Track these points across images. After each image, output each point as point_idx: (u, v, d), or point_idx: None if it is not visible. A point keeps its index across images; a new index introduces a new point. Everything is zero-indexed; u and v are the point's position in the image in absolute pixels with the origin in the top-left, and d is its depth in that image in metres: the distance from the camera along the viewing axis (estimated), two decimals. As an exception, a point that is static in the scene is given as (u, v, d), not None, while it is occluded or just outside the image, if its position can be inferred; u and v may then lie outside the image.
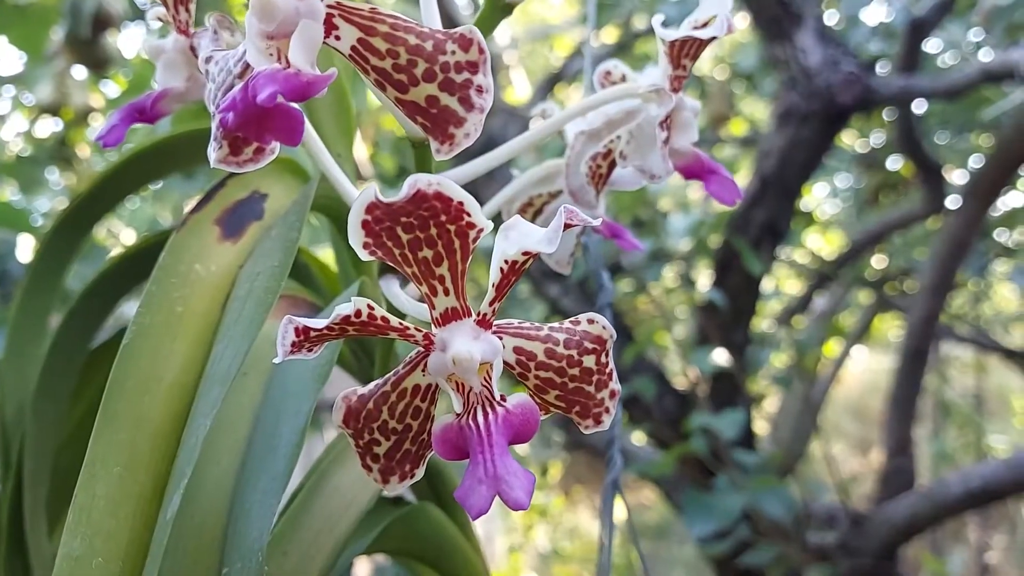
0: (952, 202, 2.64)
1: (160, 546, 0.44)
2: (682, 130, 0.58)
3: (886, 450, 2.59)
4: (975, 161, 3.00)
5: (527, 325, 0.44)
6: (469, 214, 0.39)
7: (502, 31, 3.30)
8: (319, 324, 0.39)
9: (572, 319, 0.45)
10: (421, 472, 0.47)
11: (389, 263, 0.40)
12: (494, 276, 0.41)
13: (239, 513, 0.48)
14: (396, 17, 0.43)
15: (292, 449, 0.49)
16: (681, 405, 2.28)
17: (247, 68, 0.43)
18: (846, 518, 2.23)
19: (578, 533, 5.08)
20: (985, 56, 2.47)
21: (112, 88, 2.45)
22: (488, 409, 0.41)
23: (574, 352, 0.44)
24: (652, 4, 2.71)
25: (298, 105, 0.41)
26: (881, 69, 2.53)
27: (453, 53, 0.43)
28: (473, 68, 0.43)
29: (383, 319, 0.40)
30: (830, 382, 3.27)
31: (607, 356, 0.45)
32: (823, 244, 4.03)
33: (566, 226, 0.39)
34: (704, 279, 2.67)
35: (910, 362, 2.55)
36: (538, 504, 4.02)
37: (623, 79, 0.62)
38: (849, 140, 3.36)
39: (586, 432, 0.47)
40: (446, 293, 0.41)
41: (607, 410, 0.46)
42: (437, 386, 0.44)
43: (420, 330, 0.42)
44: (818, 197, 4.01)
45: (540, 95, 3.07)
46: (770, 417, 3.59)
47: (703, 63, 3.23)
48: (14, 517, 0.69)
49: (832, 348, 3.54)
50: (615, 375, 0.46)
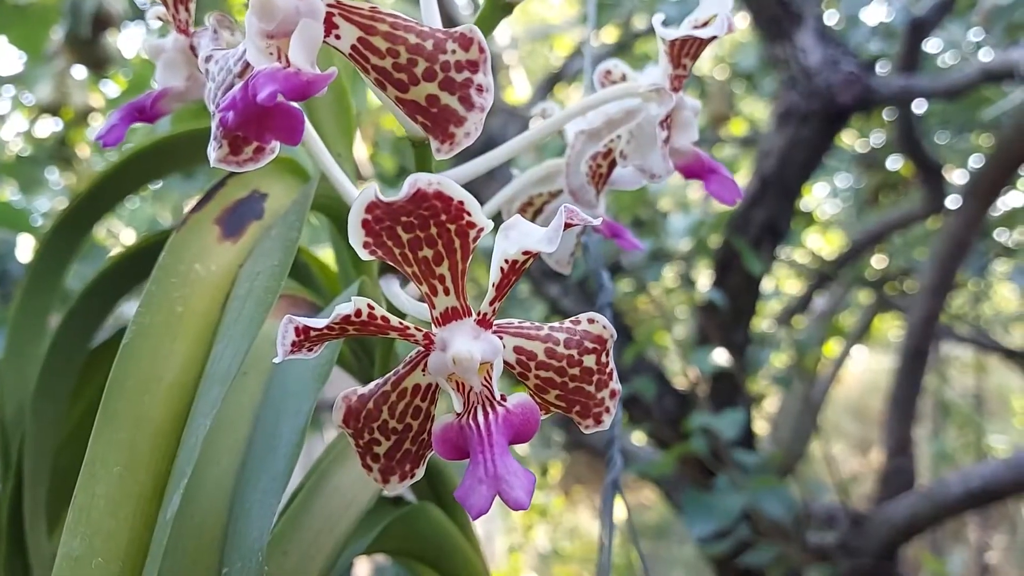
0: (952, 202, 2.64)
1: (160, 546, 0.44)
2: (682, 129, 0.58)
3: (886, 450, 2.59)
4: (975, 161, 3.00)
5: (527, 325, 0.44)
6: (469, 213, 0.39)
7: (502, 31, 3.30)
8: (319, 324, 0.39)
9: (572, 319, 0.45)
10: (421, 472, 0.47)
11: (389, 262, 0.40)
12: (494, 276, 0.41)
13: (239, 513, 0.48)
14: (396, 16, 0.43)
15: (292, 449, 0.49)
16: (681, 405, 2.28)
17: (247, 67, 0.43)
18: (846, 518, 2.23)
19: (578, 533, 5.08)
20: (985, 56, 2.47)
21: (112, 88, 2.45)
22: (488, 409, 0.41)
23: (574, 352, 0.44)
24: (652, 4, 2.71)
25: (298, 104, 0.41)
26: (881, 69, 2.52)
27: (453, 52, 0.43)
28: (473, 67, 0.43)
29: (383, 319, 0.40)
30: (830, 382, 3.27)
31: (607, 356, 0.45)
32: (823, 244, 4.03)
33: (566, 225, 0.39)
34: (704, 279, 2.67)
35: (910, 362, 2.55)
36: (538, 504, 4.02)
37: (623, 78, 0.62)
38: (849, 140, 3.36)
39: (586, 432, 0.46)
40: (446, 292, 0.41)
41: (607, 410, 0.46)
42: (437, 386, 0.44)
43: (420, 330, 0.42)
44: (818, 197, 4.01)
45: (540, 95, 3.07)
46: (770, 417, 3.59)
47: (703, 63, 3.23)
48: (14, 517, 0.69)
49: (832, 348, 3.53)
50: (615, 375, 0.46)
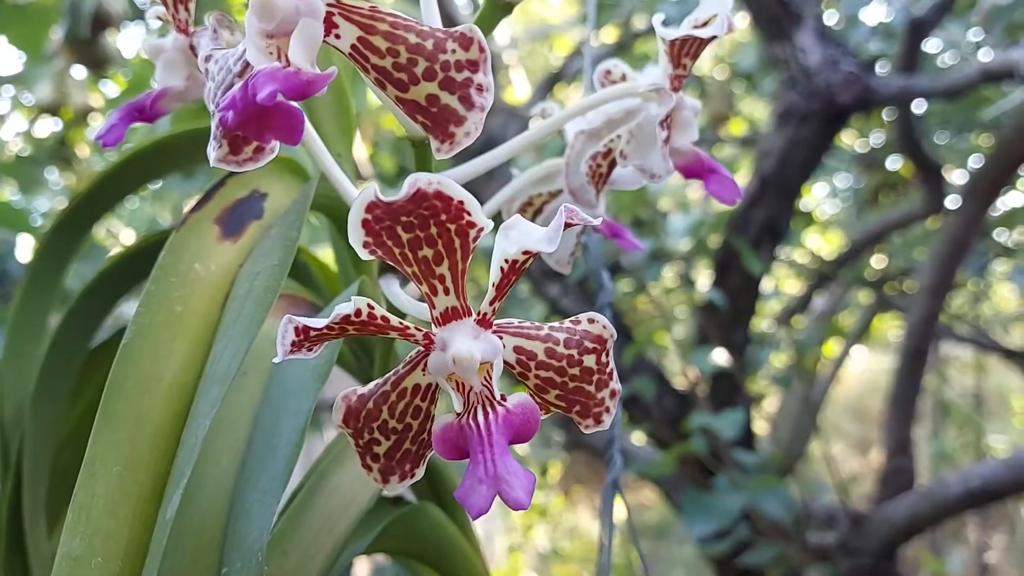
0: (952, 202, 2.64)
1: (159, 546, 0.43)
2: (682, 129, 0.58)
3: (886, 450, 2.59)
4: (975, 161, 3.00)
5: (527, 324, 0.44)
6: (469, 213, 0.39)
7: (502, 31, 3.30)
8: (319, 323, 0.39)
9: (572, 318, 0.45)
10: (421, 472, 0.47)
11: (389, 262, 0.40)
12: (494, 275, 0.41)
13: (239, 513, 0.48)
14: (396, 16, 0.43)
15: (292, 449, 0.49)
16: (681, 405, 2.28)
17: (247, 67, 0.43)
18: (846, 518, 2.23)
19: (578, 533, 5.08)
20: (985, 56, 2.47)
21: (112, 88, 2.45)
22: (488, 409, 0.41)
23: (574, 351, 0.44)
24: (652, 4, 2.71)
25: (298, 104, 0.41)
26: (881, 69, 2.52)
27: (453, 52, 0.42)
28: (473, 67, 0.43)
29: (383, 318, 0.40)
30: (830, 382, 3.27)
31: (607, 355, 0.45)
32: (823, 244, 4.03)
33: (566, 225, 0.39)
34: (704, 279, 2.67)
35: (910, 362, 2.55)
36: (538, 504, 4.02)
37: (623, 78, 0.62)
38: (849, 140, 3.36)
39: (586, 432, 0.46)
40: (446, 292, 0.41)
41: (607, 410, 0.46)
42: (437, 385, 0.44)
43: (420, 329, 0.42)
44: (818, 197, 4.01)
45: (540, 95, 3.07)
46: (770, 417, 3.59)
47: (703, 63, 3.23)
48: (13, 516, 0.69)
49: (832, 348, 3.53)
50: (615, 374, 0.46)
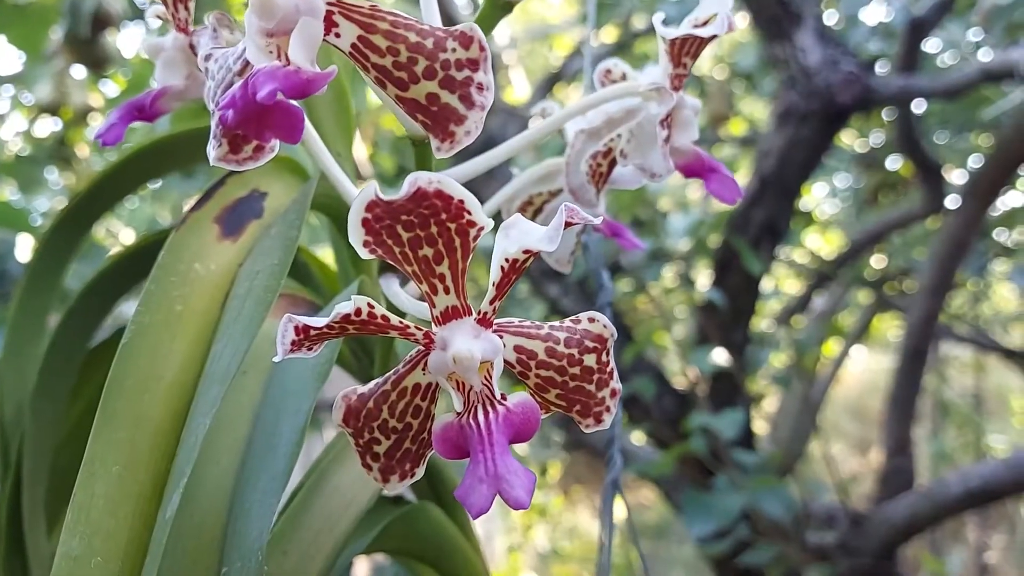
0: (952, 202, 2.64)
1: (159, 545, 0.43)
2: (682, 128, 0.58)
3: (885, 450, 2.59)
4: (975, 161, 3.00)
5: (527, 324, 0.44)
6: (469, 212, 0.38)
7: (502, 30, 3.30)
8: (319, 323, 0.39)
9: (573, 318, 0.45)
10: (421, 471, 0.47)
11: (389, 261, 0.40)
12: (494, 275, 0.41)
13: (239, 512, 0.48)
14: (396, 15, 0.42)
15: (292, 448, 0.48)
16: (680, 405, 2.28)
17: (247, 66, 0.43)
18: (845, 518, 2.23)
19: (578, 533, 5.08)
20: (985, 56, 2.47)
21: (111, 87, 2.45)
22: (489, 408, 0.41)
23: (575, 351, 0.44)
24: (652, 3, 2.71)
25: (298, 103, 0.41)
26: (881, 69, 2.52)
27: (454, 51, 0.42)
28: (474, 65, 0.43)
29: (383, 318, 0.40)
30: (829, 382, 3.27)
31: (608, 355, 0.45)
32: (822, 244, 4.04)
33: (566, 224, 0.39)
34: (704, 279, 2.67)
35: (909, 362, 2.55)
36: (538, 504, 4.02)
37: (623, 77, 0.62)
38: (849, 140, 3.36)
39: (587, 431, 0.46)
40: (446, 291, 0.41)
41: (608, 409, 0.46)
42: (437, 385, 0.44)
43: (420, 329, 0.42)
44: (817, 197, 4.01)
45: (540, 94, 3.07)
46: (769, 417, 3.59)
47: (703, 62, 3.23)
48: (13, 516, 0.69)
49: (831, 348, 3.54)
50: (616, 374, 0.46)
